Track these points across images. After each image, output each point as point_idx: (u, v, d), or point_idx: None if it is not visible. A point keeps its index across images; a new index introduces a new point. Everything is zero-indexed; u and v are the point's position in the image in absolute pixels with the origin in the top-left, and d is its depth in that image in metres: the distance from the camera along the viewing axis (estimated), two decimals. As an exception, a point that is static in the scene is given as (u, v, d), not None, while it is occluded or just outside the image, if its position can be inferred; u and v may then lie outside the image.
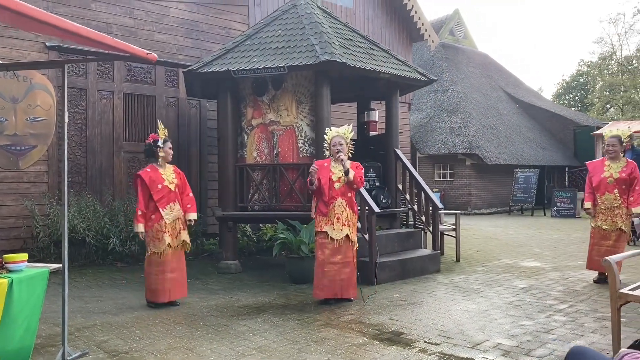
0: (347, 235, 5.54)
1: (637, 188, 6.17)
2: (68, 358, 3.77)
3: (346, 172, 5.50)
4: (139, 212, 5.46)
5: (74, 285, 6.45)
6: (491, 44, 69.92)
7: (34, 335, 3.60)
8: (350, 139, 5.74)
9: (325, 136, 5.86)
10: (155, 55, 3.84)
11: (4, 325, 3.23)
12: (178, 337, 4.43)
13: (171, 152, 5.71)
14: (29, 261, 3.64)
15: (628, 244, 8.80)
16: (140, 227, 5.46)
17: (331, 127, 5.88)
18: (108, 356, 3.95)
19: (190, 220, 5.77)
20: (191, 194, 5.87)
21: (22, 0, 2.91)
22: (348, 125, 5.80)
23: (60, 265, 3.82)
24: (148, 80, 8.93)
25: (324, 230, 5.54)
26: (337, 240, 5.51)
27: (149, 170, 5.59)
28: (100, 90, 8.42)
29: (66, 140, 3.98)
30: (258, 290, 6.29)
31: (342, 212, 5.57)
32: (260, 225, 9.10)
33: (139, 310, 5.38)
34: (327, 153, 5.87)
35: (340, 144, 5.62)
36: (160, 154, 5.64)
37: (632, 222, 8.44)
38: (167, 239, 5.49)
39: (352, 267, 5.60)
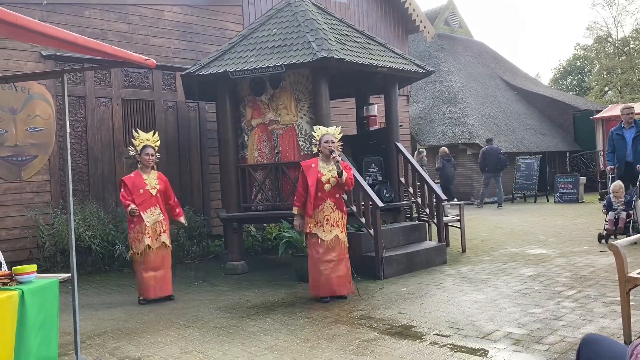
0: (336, 236, 5.55)
1: None
2: (81, 366, 3.78)
3: (340, 174, 5.43)
4: (126, 202, 5.88)
5: (82, 293, 6.47)
6: (486, 32, 69.84)
7: (54, 348, 3.56)
8: (339, 140, 5.72)
9: (313, 134, 5.85)
10: (154, 61, 3.83)
11: (19, 337, 3.21)
12: (190, 340, 4.45)
13: (148, 157, 6.06)
14: (36, 271, 3.64)
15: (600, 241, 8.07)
16: (131, 205, 5.84)
17: (320, 127, 5.89)
18: (121, 363, 3.97)
19: (180, 223, 6.53)
20: (176, 199, 6.39)
21: (16, 11, 2.90)
22: (337, 127, 5.80)
23: (69, 274, 3.83)
24: (146, 85, 8.92)
25: (313, 232, 5.55)
26: (327, 241, 5.53)
27: (132, 175, 6.07)
28: (98, 97, 8.42)
29: (69, 150, 3.98)
30: (266, 290, 6.30)
31: (331, 213, 5.56)
32: (264, 224, 9.10)
33: (148, 315, 5.40)
34: (314, 150, 5.86)
35: (332, 142, 5.57)
36: (139, 160, 6.08)
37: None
38: (147, 240, 5.92)
39: (346, 263, 5.61)
